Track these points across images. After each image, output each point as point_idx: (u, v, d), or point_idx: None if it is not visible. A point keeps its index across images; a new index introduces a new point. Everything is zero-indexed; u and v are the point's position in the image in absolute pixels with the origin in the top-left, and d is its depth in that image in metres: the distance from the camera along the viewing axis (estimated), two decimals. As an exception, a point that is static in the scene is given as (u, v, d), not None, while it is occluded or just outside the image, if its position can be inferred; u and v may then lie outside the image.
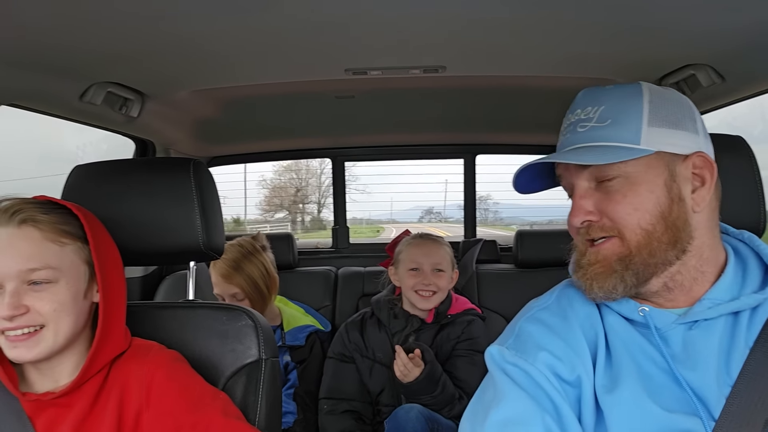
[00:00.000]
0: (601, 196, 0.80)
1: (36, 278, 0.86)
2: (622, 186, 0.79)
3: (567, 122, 0.86)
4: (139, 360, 0.96)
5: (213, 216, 1.15)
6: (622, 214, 0.78)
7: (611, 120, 0.80)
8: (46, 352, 0.87)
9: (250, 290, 1.80)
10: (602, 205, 0.80)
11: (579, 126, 0.83)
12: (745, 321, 0.77)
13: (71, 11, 0.95)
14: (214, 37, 1.12)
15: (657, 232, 0.78)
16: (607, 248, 0.80)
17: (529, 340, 0.82)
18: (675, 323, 0.79)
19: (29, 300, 0.85)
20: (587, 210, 0.81)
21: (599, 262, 0.80)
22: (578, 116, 0.84)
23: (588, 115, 0.83)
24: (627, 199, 0.78)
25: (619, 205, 0.78)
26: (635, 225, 0.78)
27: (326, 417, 1.76)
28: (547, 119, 2.11)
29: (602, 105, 0.82)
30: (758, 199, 1.01)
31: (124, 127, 1.71)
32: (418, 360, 1.60)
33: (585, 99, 0.85)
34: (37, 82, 1.25)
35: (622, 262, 0.79)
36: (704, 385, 0.74)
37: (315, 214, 14.17)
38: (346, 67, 1.36)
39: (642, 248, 0.78)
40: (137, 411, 0.93)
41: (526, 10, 1.02)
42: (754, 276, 0.81)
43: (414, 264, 1.77)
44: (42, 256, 0.87)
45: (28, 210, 0.89)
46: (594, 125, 0.81)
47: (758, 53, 1.17)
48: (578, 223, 0.82)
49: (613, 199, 0.79)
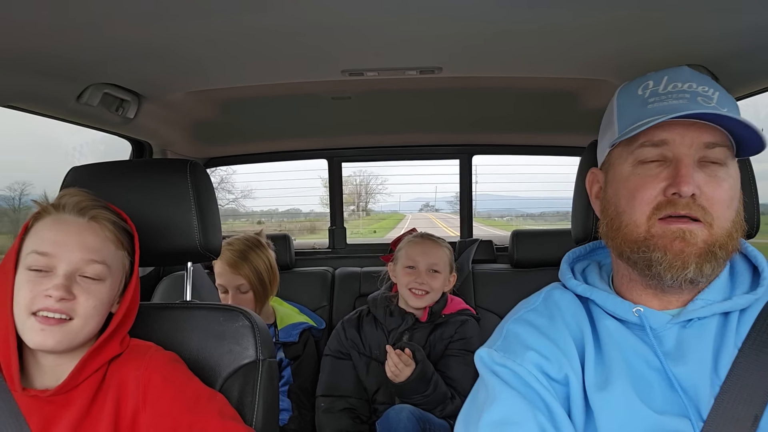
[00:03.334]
0: (706, 178, 0.76)
1: (90, 272, 0.92)
2: (726, 176, 0.77)
3: (675, 88, 0.80)
4: (136, 361, 0.96)
5: (210, 217, 1.16)
6: (724, 204, 0.76)
7: (728, 110, 0.78)
8: (66, 343, 0.90)
9: (256, 282, 1.81)
10: (707, 188, 0.75)
11: (700, 98, 0.78)
12: (734, 322, 0.78)
13: (68, 13, 0.95)
14: (210, 38, 1.12)
15: (735, 231, 0.78)
16: (699, 230, 0.75)
17: (516, 341, 0.83)
18: (670, 323, 0.79)
19: (77, 290, 0.90)
20: (696, 183, 0.75)
21: (696, 245, 0.75)
22: (693, 89, 0.79)
23: (707, 93, 0.79)
24: (731, 191, 0.77)
25: (725, 194, 0.76)
26: (726, 219, 0.77)
27: (324, 415, 1.76)
28: (543, 120, 2.12)
29: (717, 91, 0.79)
30: (752, 199, 1.01)
31: (120, 128, 1.71)
32: (409, 359, 1.61)
33: (696, 77, 0.81)
34: (34, 83, 1.25)
35: (722, 249, 0.76)
36: (695, 383, 0.75)
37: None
38: (343, 68, 1.36)
39: (728, 242, 0.77)
40: (134, 412, 0.93)
41: (522, 12, 1.03)
42: (743, 278, 0.82)
43: (410, 262, 1.78)
44: (103, 253, 0.94)
45: (99, 209, 0.96)
46: (716, 106, 0.78)
47: (753, 54, 1.18)
48: (689, 193, 0.74)
49: (721, 186, 0.76)
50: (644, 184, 0.78)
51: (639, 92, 0.82)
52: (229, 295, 1.81)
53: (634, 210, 0.79)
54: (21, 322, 0.89)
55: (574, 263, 0.96)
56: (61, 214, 0.94)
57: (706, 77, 0.82)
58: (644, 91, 0.82)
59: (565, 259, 0.95)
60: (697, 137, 0.76)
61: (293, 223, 16.79)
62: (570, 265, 0.94)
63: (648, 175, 0.78)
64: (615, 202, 0.83)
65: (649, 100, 0.80)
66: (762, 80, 1.32)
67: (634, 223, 0.78)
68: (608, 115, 0.89)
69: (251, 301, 1.82)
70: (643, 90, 0.82)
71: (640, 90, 0.82)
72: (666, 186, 0.76)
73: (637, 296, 0.83)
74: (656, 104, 0.79)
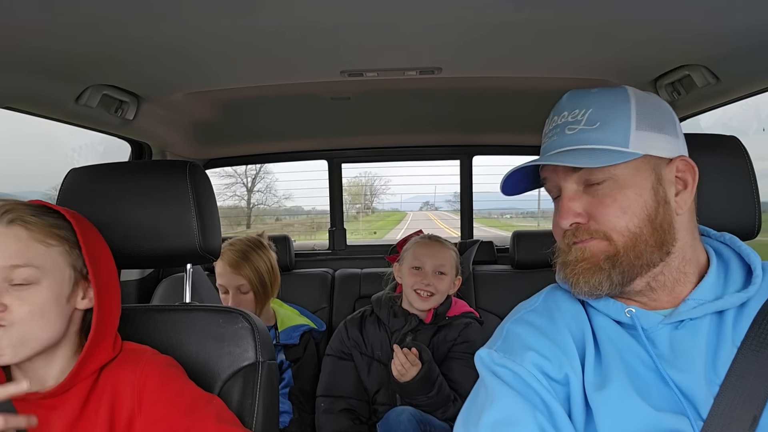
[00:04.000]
0: (589, 199, 0.81)
1: (17, 278, 0.86)
2: (612, 189, 0.79)
3: (552, 124, 0.86)
4: (131, 365, 0.95)
5: (210, 218, 1.15)
6: (612, 217, 0.79)
7: (600, 123, 0.81)
8: (22, 353, 0.86)
9: (256, 283, 1.80)
10: (591, 208, 0.80)
11: (567, 128, 0.83)
12: (731, 320, 0.78)
13: (66, 14, 0.95)
14: (209, 39, 1.12)
15: (644, 235, 0.79)
16: (594, 246, 0.80)
17: (516, 342, 0.83)
18: (661, 324, 0.80)
19: (7, 299, 0.85)
20: (576, 212, 0.81)
21: (586, 260, 0.80)
22: (565, 119, 0.84)
23: (576, 117, 0.83)
24: (617, 203, 0.79)
25: (609, 209, 0.79)
26: (623, 228, 0.79)
27: (323, 416, 1.75)
28: (543, 120, 2.12)
29: (590, 108, 0.82)
30: (753, 198, 1.01)
31: (119, 129, 1.71)
32: (415, 359, 1.60)
33: (572, 101, 0.85)
34: (33, 85, 1.25)
35: (610, 261, 0.79)
36: (692, 384, 0.75)
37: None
38: (342, 68, 1.36)
39: (629, 250, 0.79)
40: (129, 416, 0.92)
41: (521, 12, 1.03)
42: (736, 276, 0.83)
43: (417, 263, 1.78)
44: (26, 255, 0.87)
45: (19, 211, 0.89)
46: (583, 128, 0.81)
47: (753, 54, 1.18)
48: (566, 225, 0.81)
49: (603, 203, 0.79)
50: (554, 221, 0.86)
51: (545, 129, 0.89)
52: (229, 296, 1.81)
53: (557, 240, 0.87)
54: None
55: None
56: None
57: (584, 95, 0.85)
58: (546, 127, 0.88)
59: None
60: (566, 167, 0.81)
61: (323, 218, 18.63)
62: None
63: (556, 211, 0.86)
64: None
65: (543, 139, 0.88)
66: (762, 80, 1.32)
67: (560, 250, 0.86)
68: None
69: (252, 301, 1.81)
70: (546, 126, 0.89)
71: (545, 127, 0.89)
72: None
73: (625, 298, 0.84)
74: (543, 145, 0.88)
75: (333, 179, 2.66)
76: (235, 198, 12.37)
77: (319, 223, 12.30)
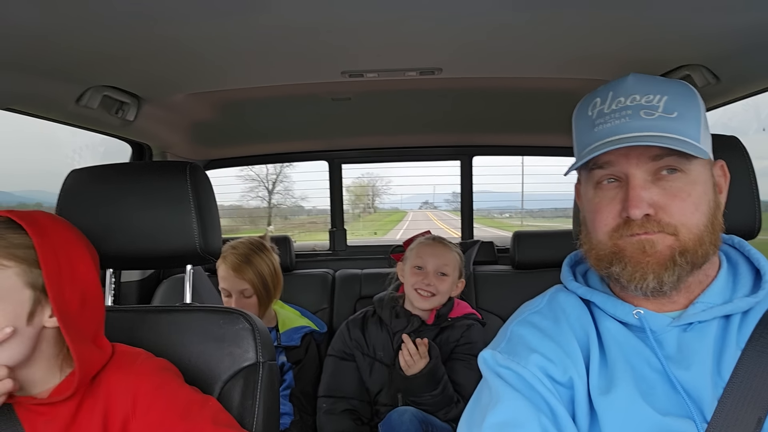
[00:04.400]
0: (660, 191, 0.77)
1: None
2: (685, 184, 0.77)
3: (617, 104, 0.80)
4: (124, 369, 0.93)
5: (210, 219, 1.15)
6: (687, 212, 0.76)
7: (678, 113, 0.77)
8: None
9: (259, 286, 1.80)
10: (664, 201, 0.76)
11: (642, 112, 0.78)
12: (736, 324, 0.78)
13: (67, 15, 0.95)
14: (209, 40, 1.12)
15: (708, 234, 0.77)
16: (660, 240, 0.76)
17: (520, 343, 0.82)
18: (670, 326, 0.79)
19: None
20: (648, 202, 0.76)
21: (656, 254, 0.76)
22: (637, 102, 0.78)
23: (651, 102, 0.78)
24: (691, 198, 0.76)
25: (685, 203, 0.76)
26: (694, 224, 0.76)
27: (325, 416, 1.76)
28: (543, 120, 2.12)
29: (665, 95, 0.78)
30: (753, 199, 1.01)
31: (120, 130, 1.71)
32: (425, 351, 1.60)
33: (641, 84, 0.80)
34: (33, 86, 1.25)
35: (682, 256, 0.76)
36: (698, 386, 0.75)
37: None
38: (342, 69, 1.36)
39: (697, 247, 0.76)
40: (123, 421, 0.91)
41: (521, 13, 1.03)
42: (745, 280, 0.82)
43: (419, 262, 1.78)
44: None
45: None
46: (662, 115, 0.77)
47: (753, 54, 1.18)
48: (639, 215, 0.75)
49: (678, 197, 0.76)
50: (601, 209, 0.80)
51: (588, 113, 0.83)
52: (232, 299, 1.81)
53: (597, 232, 0.81)
54: None
55: (575, 265, 0.95)
56: None
57: (654, 82, 0.80)
58: (592, 111, 0.82)
59: (566, 261, 0.95)
60: (643, 152, 0.77)
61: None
62: (571, 268, 0.94)
63: (605, 198, 0.80)
64: (584, 222, 0.86)
65: (596, 122, 0.81)
66: (762, 80, 1.32)
67: (600, 243, 0.81)
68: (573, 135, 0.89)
69: (255, 305, 1.81)
70: (592, 110, 0.82)
71: (589, 110, 0.83)
72: (620, 209, 0.78)
73: (632, 299, 0.83)
74: (601, 126, 0.80)
75: (333, 180, 2.66)
76: (258, 199, 13.44)
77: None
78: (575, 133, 0.87)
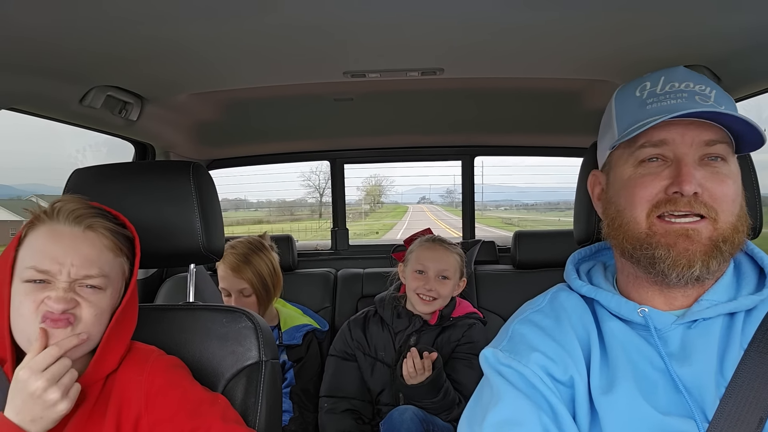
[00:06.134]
0: (708, 175, 0.77)
1: (89, 283, 0.90)
2: (728, 172, 0.78)
3: (671, 87, 0.81)
4: (138, 366, 0.96)
5: (213, 218, 1.16)
6: (728, 199, 0.77)
7: (725, 107, 0.79)
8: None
9: (259, 286, 1.81)
10: (710, 184, 0.77)
11: (697, 97, 0.79)
12: (740, 323, 0.78)
13: (71, 15, 0.95)
14: (212, 40, 1.12)
15: (741, 225, 0.79)
16: (704, 228, 0.76)
17: (522, 342, 0.83)
18: (674, 324, 0.79)
19: (77, 300, 0.89)
20: (698, 181, 0.76)
21: (701, 242, 0.76)
22: (691, 88, 0.80)
23: (704, 91, 0.80)
24: (732, 187, 0.78)
25: (729, 189, 0.78)
26: (731, 212, 0.78)
27: (326, 416, 1.76)
28: (545, 121, 2.12)
29: (714, 89, 0.81)
30: (755, 200, 1.01)
31: (123, 130, 1.72)
32: (429, 364, 1.59)
33: (692, 75, 0.82)
34: (37, 86, 1.25)
35: (725, 244, 0.77)
36: (700, 385, 0.75)
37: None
38: (345, 69, 1.37)
39: (734, 235, 0.78)
40: (136, 417, 0.93)
41: (523, 12, 1.03)
42: (749, 279, 0.82)
43: (420, 267, 1.78)
44: (100, 263, 0.92)
45: (95, 217, 0.94)
46: (713, 104, 0.79)
47: (754, 54, 1.18)
48: (690, 192, 0.75)
49: (724, 182, 0.77)
50: (645, 183, 0.79)
51: (636, 94, 0.83)
52: (232, 299, 1.82)
53: (634, 207, 0.80)
54: (21, 332, 0.88)
55: (579, 264, 0.96)
56: (55, 224, 0.91)
57: (703, 76, 0.83)
58: (642, 92, 0.83)
59: (570, 260, 0.95)
60: (697, 135, 0.77)
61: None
62: (575, 266, 0.94)
63: (649, 173, 0.79)
64: (616, 201, 0.84)
65: (648, 101, 0.81)
66: (762, 80, 1.32)
67: (635, 221, 0.80)
68: (607, 118, 0.89)
69: (254, 304, 1.82)
70: (641, 91, 0.83)
71: (637, 91, 0.84)
72: (668, 185, 0.77)
73: (643, 294, 0.83)
74: (654, 105, 0.80)
75: (335, 180, 2.66)
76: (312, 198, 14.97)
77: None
78: (617, 113, 0.86)
